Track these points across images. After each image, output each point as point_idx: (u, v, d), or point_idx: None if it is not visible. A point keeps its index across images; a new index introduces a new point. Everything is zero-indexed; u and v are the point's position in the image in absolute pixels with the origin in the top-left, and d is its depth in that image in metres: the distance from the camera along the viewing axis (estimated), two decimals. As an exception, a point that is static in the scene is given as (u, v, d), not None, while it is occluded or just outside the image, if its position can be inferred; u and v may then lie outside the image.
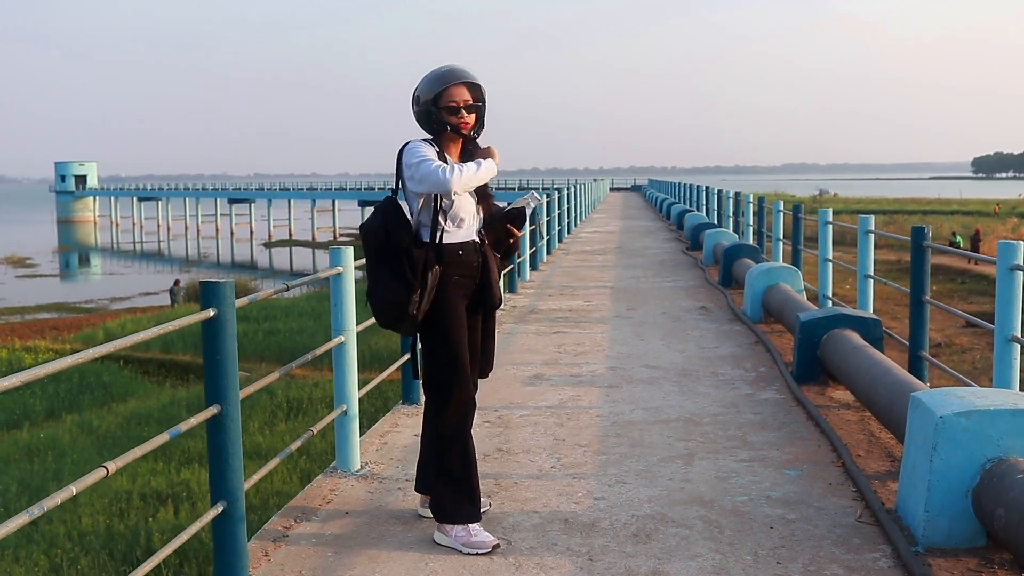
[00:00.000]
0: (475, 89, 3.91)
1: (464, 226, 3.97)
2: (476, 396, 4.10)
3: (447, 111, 3.87)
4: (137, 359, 24.22)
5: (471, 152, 4.03)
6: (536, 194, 4.13)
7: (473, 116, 3.93)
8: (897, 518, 4.15)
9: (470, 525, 3.93)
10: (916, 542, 3.91)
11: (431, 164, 3.80)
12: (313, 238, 78.66)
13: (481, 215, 4.08)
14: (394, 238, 3.87)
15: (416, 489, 4.30)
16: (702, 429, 5.68)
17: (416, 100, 3.93)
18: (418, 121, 3.97)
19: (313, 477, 12.41)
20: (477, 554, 3.85)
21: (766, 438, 5.48)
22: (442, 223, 3.90)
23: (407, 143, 3.94)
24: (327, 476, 4.89)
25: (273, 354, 24.15)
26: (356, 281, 5.02)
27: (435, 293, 3.90)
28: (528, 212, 4.12)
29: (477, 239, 4.03)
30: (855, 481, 4.67)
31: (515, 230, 4.07)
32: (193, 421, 3.26)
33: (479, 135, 4.03)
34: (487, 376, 4.26)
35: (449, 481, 3.97)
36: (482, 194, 4.09)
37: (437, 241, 3.89)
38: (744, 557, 3.81)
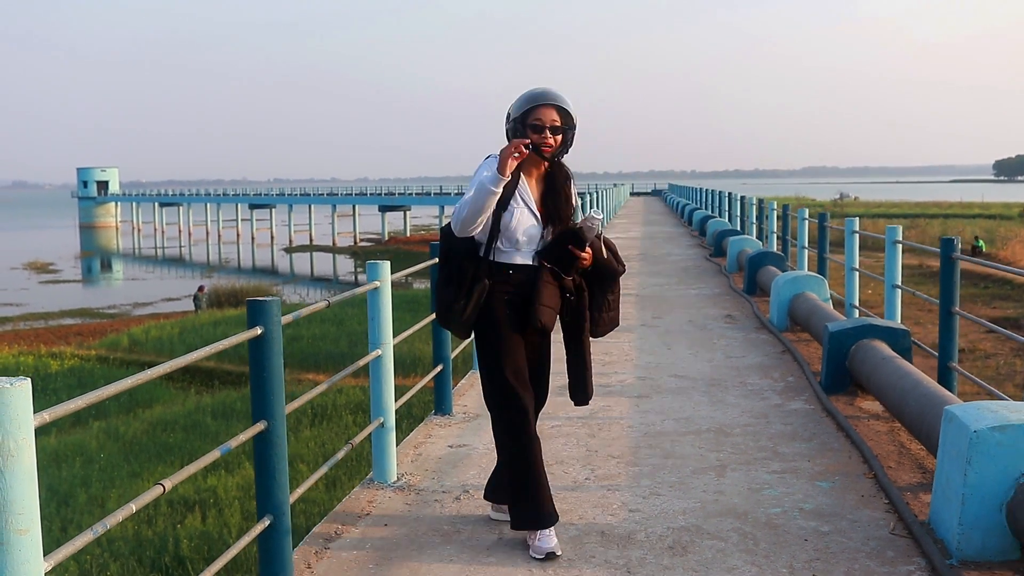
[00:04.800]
0: (564, 114, 3.98)
1: (521, 247, 4.04)
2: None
3: (532, 129, 3.96)
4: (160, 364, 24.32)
5: (554, 176, 4.10)
6: (594, 214, 3.96)
7: (558, 138, 3.99)
8: (931, 531, 4.18)
9: (538, 531, 4.01)
10: (950, 555, 3.95)
11: (461, 200, 3.95)
12: (334, 243, 78.89)
13: (546, 239, 4.07)
14: (456, 246, 4.04)
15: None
16: (733, 440, 5.72)
17: (508, 117, 4.05)
18: (507, 138, 4.04)
19: (337, 482, 12.54)
20: (538, 558, 3.95)
21: (797, 449, 5.52)
22: (496, 242, 4.02)
23: (487, 156, 4.03)
24: (364, 487, 4.96)
25: (296, 360, 24.23)
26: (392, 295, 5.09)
27: (484, 305, 4.02)
28: (587, 236, 3.97)
29: (535, 263, 4.05)
30: (887, 493, 4.70)
31: (577, 251, 3.97)
32: (242, 437, 3.33)
33: (560, 157, 4.08)
34: (583, 402, 4.40)
35: (514, 486, 4.07)
36: (554, 214, 4.07)
37: (490, 258, 4.03)
38: (780, 570, 3.85)
